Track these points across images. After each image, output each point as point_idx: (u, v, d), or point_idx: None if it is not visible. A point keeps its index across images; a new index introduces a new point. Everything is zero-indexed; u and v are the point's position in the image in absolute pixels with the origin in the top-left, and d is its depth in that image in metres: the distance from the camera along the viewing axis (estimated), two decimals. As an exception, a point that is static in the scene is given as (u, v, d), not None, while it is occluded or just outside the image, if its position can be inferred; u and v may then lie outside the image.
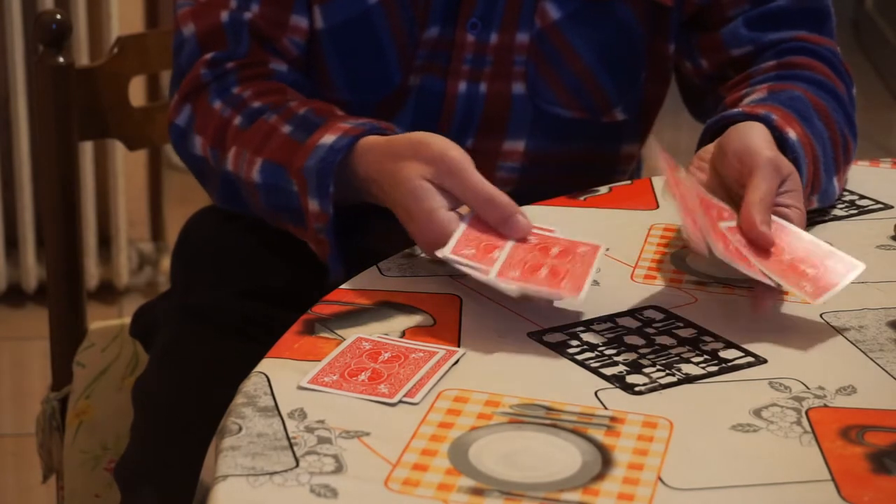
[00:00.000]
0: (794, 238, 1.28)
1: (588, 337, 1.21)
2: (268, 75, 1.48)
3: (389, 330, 1.21)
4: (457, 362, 1.16)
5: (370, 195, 1.34)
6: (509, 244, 1.25)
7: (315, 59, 1.50)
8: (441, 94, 1.50)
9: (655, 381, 1.15)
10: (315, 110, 1.41)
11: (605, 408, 1.11)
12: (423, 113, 1.50)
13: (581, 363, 1.17)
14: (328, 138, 1.35)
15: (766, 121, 1.35)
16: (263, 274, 1.57)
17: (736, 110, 1.38)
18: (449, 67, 1.50)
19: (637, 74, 1.56)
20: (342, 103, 1.50)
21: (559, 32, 1.49)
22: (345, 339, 1.19)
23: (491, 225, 1.25)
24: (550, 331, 1.22)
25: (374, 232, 1.40)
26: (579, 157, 1.57)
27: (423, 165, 1.26)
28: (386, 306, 1.25)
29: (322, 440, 1.05)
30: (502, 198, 1.25)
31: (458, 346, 1.19)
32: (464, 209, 1.27)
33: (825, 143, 1.42)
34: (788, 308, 1.27)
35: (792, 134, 1.36)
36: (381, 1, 1.47)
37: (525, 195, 1.47)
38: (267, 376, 1.13)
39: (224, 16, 1.47)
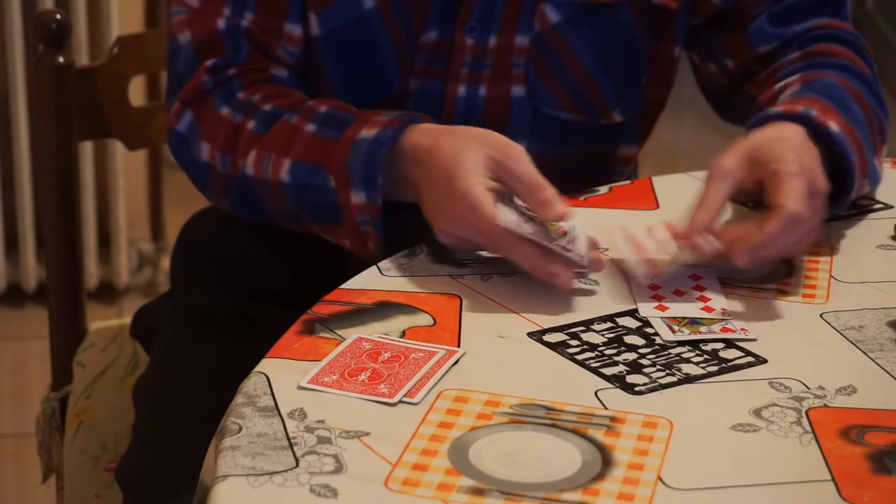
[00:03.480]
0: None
1: (588, 337, 1.21)
2: (270, 80, 1.47)
3: (389, 330, 1.21)
4: (457, 362, 1.16)
5: (407, 183, 1.35)
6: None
7: (313, 66, 1.50)
8: (440, 97, 1.50)
9: (655, 381, 1.15)
10: (338, 107, 1.41)
11: (605, 408, 1.11)
12: None
13: (581, 363, 1.17)
14: (368, 132, 1.36)
15: (805, 117, 1.36)
16: (264, 274, 1.57)
17: (776, 109, 1.39)
18: (448, 71, 1.49)
19: (637, 77, 1.56)
20: None
21: (558, 35, 1.49)
22: (345, 339, 1.19)
23: (534, 209, 1.28)
24: (550, 331, 1.22)
25: (401, 224, 1.39)
26: (577, 159, 1.56)
27: (487, 148, 1.30)
28: (386, 306, 1.25)
29: (322, 440, 1.05)
30: (549, 186, 1.29)
31: (458, 346, 1.19)
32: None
33: (864, 127, 1.43)
34: (788, 308, 1.27)
35: (834, 126, 1.37)
36: (377, 6, 1.46)
37: None
38: (267, 376, 1.13)
39: (220, 23, 1.46)
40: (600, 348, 1.19)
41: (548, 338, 1.21)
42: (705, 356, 1.19)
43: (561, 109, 1.52)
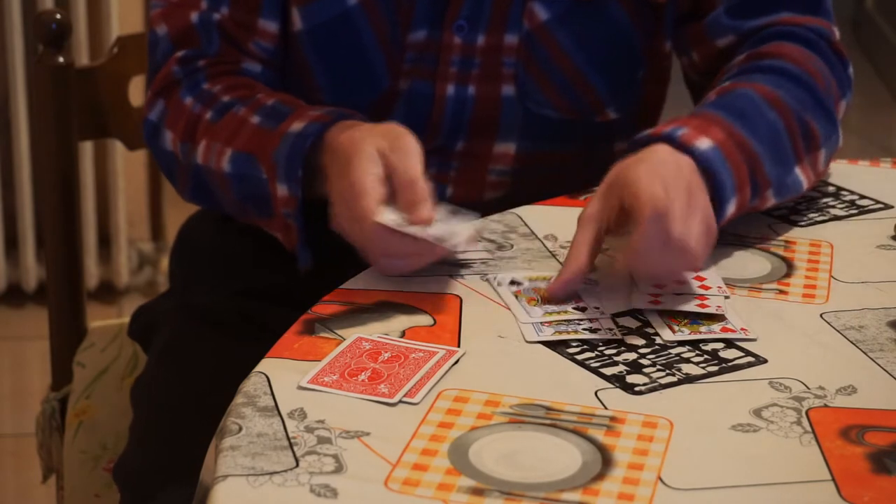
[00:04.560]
0: None
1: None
2: (238, 72, 1.49)
3: (389, 330, 1.21)
4: (457, 362, 1.16)
5: (324, 178, 1.35)
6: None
7: (299, 63, 1.51)
8: (430, 97, 1.50)
9: (655, 381, 1.15)
10: (282, 101, 1.43)
11: (605, 408, 1.11)
12: (413, 116, 1.50)
13: (581, 363, 1.17)
14: (297, 125, 1.37)
15: (669, 138, 1.31)
16: (263, 274, 1.57)
17: (643, 133, 1.34)
18: (437, 70, 1.49)
19: (633, 74, 1.55)
20: None
21: (548, 33, 1.49)
22: (345, 339, 1.19)
23: (402, 206, 1.27)
24: (550, 331, 1.22)
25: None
26: (572, 158, 1.56)
27: (379, 137, 1.30)
28: (386, 306, 1.25)
29: (322, 440, 1.05)
30: (424, 185, 1.27)
31: (458, 346, 1.19)
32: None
33: (777, 134, 1.37)
34: (788, 308, 1.27)
35: (703, 143, 1.31)
36: (361, 2, 1.47)
37: (520, 198, 1.47)
38: (267, 376, 1.13)
39: (194, 17, 1.48)
40: (600, 348, 1.19)
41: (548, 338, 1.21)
42: (705, 356, 1.19)
43: (552, 108, 1.52)
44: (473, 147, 1.52)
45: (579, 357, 1.18)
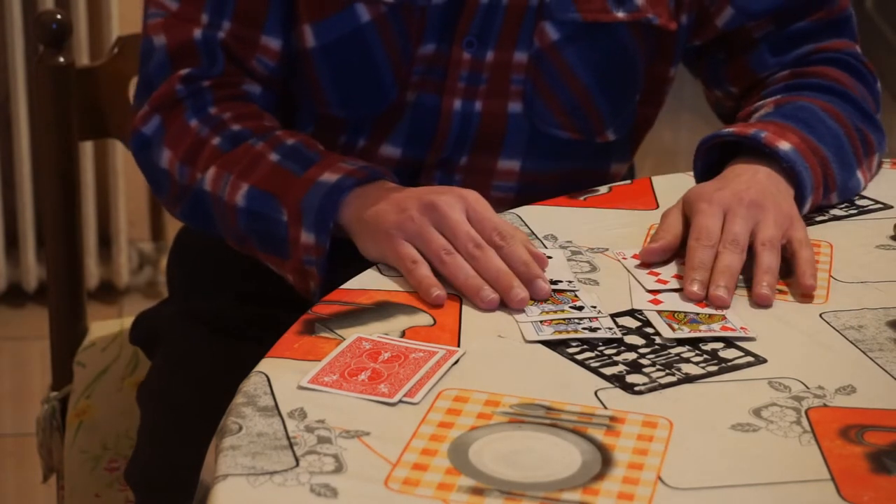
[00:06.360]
0: None
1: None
2: (242, 96, 1.47)
3: (389, 330, 1.21)
4: (457, 362, 1.16)
5: (354, 218, 1.35)
6: None
7: (308, 77, 1.50)
8: (436, 110, 1.50)
9: (655, 381, 1.15)
10: (304, 143, 1.42)
11: (605, 407, 1.11)
12: (419, 129, 1.50)
13: (581, 363, 1.17)
14: (330, 176, 1.36)
15: (754, 139, 1.40)
16: (263, 276, 1.56)
17: (727, 130, 1.43)
18: (444, 84, 1.49)
19: (631, 96, 1.56)
20: (337, 120, 1.50)
21: (558, 53, 1.49)
22: (345, 339, 1.19)
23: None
24: (550, 331, 1.22)
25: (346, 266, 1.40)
26: (571, 177, 1.56)
27: (456, 190, 1.33)
28: (386, 306, 1.25)
29: (322, 440, 1.05)
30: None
31: (458, 346, 1.19)
32: None
33: (840, 141, 1.47)
34: (788, 308, 1.27)
35: (784, 145, 1.40)
36: (374, 18, 1.46)
37: None
38: (267, 376, 1.14)
39: (197, 33, 1.46)
40: (600, 348, 1.19)
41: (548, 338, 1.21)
42: (705, 356, 1.19)
43: (558, 128, 1.52)
44: (478, 162, 1.52)
45: (579, 357, 1.18)
